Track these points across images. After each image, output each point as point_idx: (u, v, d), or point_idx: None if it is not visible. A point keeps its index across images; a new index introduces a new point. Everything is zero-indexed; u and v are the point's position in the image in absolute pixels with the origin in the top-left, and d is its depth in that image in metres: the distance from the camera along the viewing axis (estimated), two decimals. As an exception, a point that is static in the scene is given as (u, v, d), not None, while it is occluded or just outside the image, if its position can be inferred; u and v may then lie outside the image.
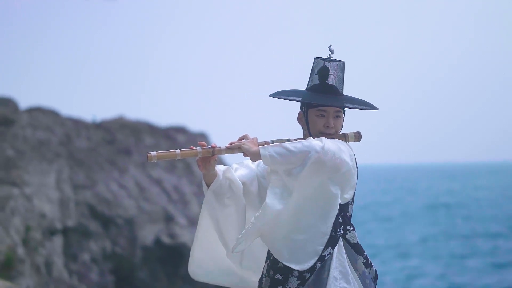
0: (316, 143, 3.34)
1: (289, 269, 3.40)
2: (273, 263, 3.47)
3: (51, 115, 18.12)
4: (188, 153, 3.49)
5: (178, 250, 16.09)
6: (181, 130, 20.94)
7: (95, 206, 15.70)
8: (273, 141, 3.50)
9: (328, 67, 3.54)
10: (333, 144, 3.37)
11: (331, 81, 3.55)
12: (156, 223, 16.40)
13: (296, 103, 3.61)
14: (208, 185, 3.59)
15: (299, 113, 3.62)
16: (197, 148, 3.49)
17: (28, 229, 13.32)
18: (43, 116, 17.79)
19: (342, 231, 3.46)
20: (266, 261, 3.55)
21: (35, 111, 17.95)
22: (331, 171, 3.35)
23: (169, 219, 16.66)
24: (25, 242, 13.03)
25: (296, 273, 3.40)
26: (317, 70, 3.56)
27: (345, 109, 3.58)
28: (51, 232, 14.24)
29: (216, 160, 3.55)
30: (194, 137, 20.12)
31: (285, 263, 3.38)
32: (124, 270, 15.53)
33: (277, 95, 3.59)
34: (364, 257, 3.51)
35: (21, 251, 12.53)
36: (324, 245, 3.39)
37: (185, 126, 21.20)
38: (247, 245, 3.41)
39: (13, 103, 17.53)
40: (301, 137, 3.60)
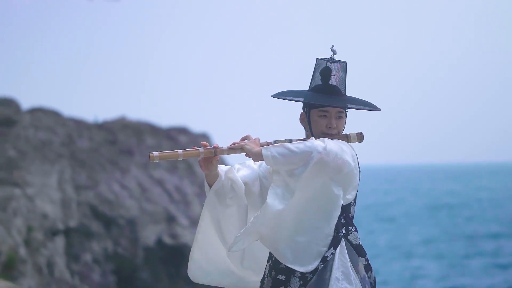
0: (318, 143, 3.33)
1: (291, 269, 3.40)
2: (275, 264, 3.46)
3: (53, 115, 18.14)
4: (190, 154, 3.49)
5: (180, 250, 16.09)
6: (183, 130, 20.95)
7: (97, 206, 15.71)
8: (275, 142, 3.50)
9: (330, 68, 3.54)
10: (335, 144, 3.37)
11: (334, 81, 3.54)
12: (158, 224, 16.40)
13: (298, 104, 3.61)
14: (210, 186, 3.58)
15: (302, 114, 3.62)
16: (199, 148, 3.49)
17: (30, 229, 13.32)
18: (45, 116, 17.81)
19: (344, 231, 3.45)
20: (268, 261, 3.54)
21: (37, 112, 17.96)
22: (333, 171, 3.35)
23: (171, 219, 16.66)
24: (27, 242, 13.04)
25: (298, 273, 3.40)
26: (319, 70, 3.56)
27: (347, 110, 3.58)
28: (53, 232, 14.25)
29: (218, 160, 3.54)
30: (196, 138, 20.12)
31: (289, 265, 3.38)
32: (126, 270, 15.54)
33: (280, 95, 3.58)
34: (365, 259, 3.50)
35: (23, 251, 12.53)
36: (327, 246, 3.38)
37: (187, 126, 21.20)
38: (245, 245, 3.40)
39: (15, 104, 17.54)
40: (303, 137, 3.60)
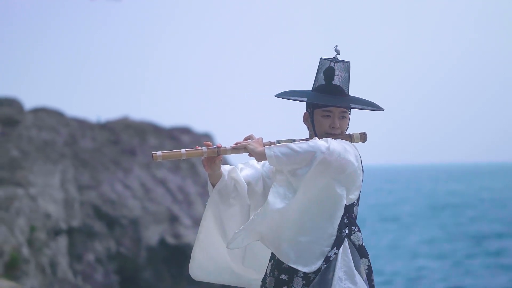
0: (321, 143, 3.33)
1: (294, 269, 3.40)
2: (278, 264, 3.46)
3: (55, 115, 18.15)
4: (193, 153, 3.49)
5: (182, 250, 16.09)
6: (185, 130, 20.94)
7: (99, 206, 15.71)
8: (278, 142, 3.50)
9: (334, 68, 3.53)
10: (338, 144, 3.37)
11: (337, 81, 3.54)
12: (160, 224, 16.40)
13: (302, 104, 3.61)
14: (213, 185, 3.58)
15: (305, 114, 3.62)
16: (203, 148, 3.49)
17: (32, 229, 13.33)
18: (48, 116, 17.82)
19: (347, 231, 3.45)
20: (270, 261, 3.54)
21: (40, 112, 17.98)
22: (337, 171, 3.35)
23: (174, 219, 16.66)
24: (30, 242, 13.05)
25: (301, 273, 3.39)
26: (323, 70, 3.56)
27: (351, 110, 3.57)
28: (56, 232, 14.26)
29: (221, 160, 3.54)
30: (198, 138, 20.12)
31: (292, 265, 3.37)
32: (128, 270, 15.54)
33: (283, 95, 3.58)
34: (368, 260, 3.50)
35: (26, 251, 12.54)
36: (330, 246, 3.38)
37: (190, 126, 21.20)
38: (244, 243, 3.39)
39: (18, 104, 17.56)
40: (306, 137, 3.59)
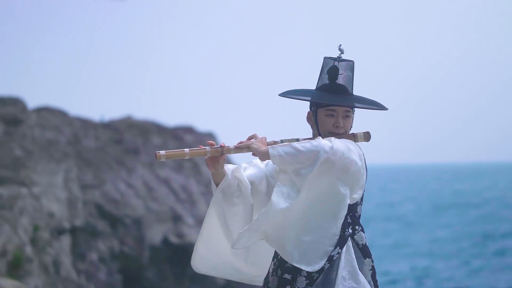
0: (325, 143, 3.32)
1: (298, 268, 3.40)
2: (281, 263, 3.46)
3: (59, 115, 18.17)
4: (197, 153, 3.49)
5: (186, 249, 16.09)
6: (189, 130, 20.95)
7: (103, 205, 15.72)
8: (282, 141, 3.49)
9: (337, 67, 3.53)
10: (342, 144, 3.36)
11: (341, 80, 3.53)
12: (164, 223, 16.41)
13: (305, 103, 3.60)
14: (217, 184, 3.58)
15: (309, 113, 3.61)
16: (206, 147, 3.49)
17: (36, 228, 13.34)
18: (51, 116, 17.84)
19: (350, 231, 3.45)
20: (273, 259, 3.54)
21: (43, 111, 18.00)
22: (340, 171, 3.34)
23: (177, 218, 16.67)
24: (33, 241, 13.06)
25: (304, 273, 3.39)
26: (326, 69, 3.55)
27: (355, 109, 3.57)
28: (59, 231, 14.27)
29: (224, 159, 3.54)
30: (202, 137, 20.12)
31: (295, 264, 3.37)
32: (132, 269, 15.55)
33: (287, 94, 3.58)
34: (371, 260, 3.49)
35: (29, 250, 12.55)
36: (334, 245, 3.38)
37: (193, 126, 21.21)
38: (249, 242, 3.39)
39: (21, 103, 17.56)
40: (310, 136, 3.59)
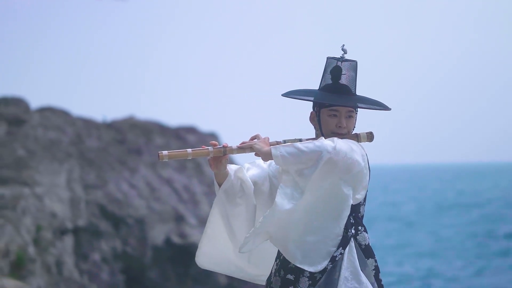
0: (327, 143, 3.32)
1: (300, 269, 3.39)
2: (284, 263, 3.46)
3: (62, 115, 18.18)
4: (199, 153, 3.49)
5: (188, 250, 16.09)
6: (191, 130, 20.94)
7: (105, 206, 15.73)
8: (285, 141, 3.49)
9: (340, 67, 3.52)
10: (345, 144, 3.36)
11: (344, 81, 3.53)
12: (166, 223, 16.41)
13: (308, 103, 3.60)
14: (219, 185, 3.58)
15: (311, 113, 3.61)
16: (209, 147, 3.49)
17: (39, 228, 13.35)
18: (54, 116, 17.85)
19: (353, 231, 3.44)
20: (275, 260, 3.54)
21: (46, 111, 18.01)
22: (343, 171, 3.34)
23: (180, 219, 16.67)
24: (36, 241, 13.07)
25: (307, 273, 3.39)
26: (329, 69, 3.55)
27: (358, 109, 3.56)
28: (61, 231, 14.27)
29: (227, 159, 3.54)
30: (204, 137, 20.12)
31: (298, 265, 3.37)
32: (134, 270, 15.55)
33: (289, 94, 3.57)
34: (375, 260, 3.48)
35: (32, 250, 12.56)
36: (336, 246, 3.38)
37: (196, 126, 21.20)
38: (255, 245, 3.39)
39: (24, 103, 17.58)
40: (313, 137, 3.58)
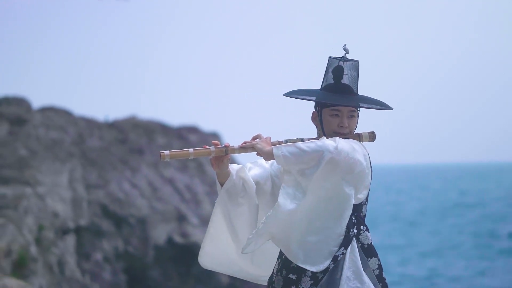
0: (329, 143, 3.32)
1: (302, 268, 3.39)
2: (286, 263, 3.46)
3: (64, 114, 18.19)
4: (201, 152, 3.48)
5: (190, 249, 16.09)
6: (193, 129, 20.95)
7: (107, 205, 15.73)
8: (287, 141, 3.49)
9: (342, 67, 3.52)
10: (346, 144, 3.36)
11: (346, 80, 3.53)
12: (168, 223, 16.41)
13: (310, 103, 3.60)
14: (221, 184, 3.58)
15: (313, 113, 3.60)
16: (210, 147, 3.48)
17: (41, 228, 13.36)
18: (56, 115, 17.86)
19: (355, 231, 3.44)
20: (277, 259, 3.54)
21: (48, 111, 18.02)
22: (345, 171, 3.33)
23: (182, 218, 16.67)
24: (38, 241, 13.07)
25: (309, 273, 3.39)
26: (331, 69, 3.54)
27: (360, 109, 3.56)
28: (63, 231, 14.28)
29: (229, 159, 3.54)
30: (206, 137, 20.12)
31: (300, 264, 3.37)
32: (136, 269, 15.56)
33: (291, 94, 3.57)
34: (378, 259, 3.48)
35: (34, 250, 12.56)
36: (338, 246, 3.38)
37: (198, 125, 21.22)
38: (258, 245, 3.39)
39: (26, 103, 17.59)
40: (315, 136, 3.58)
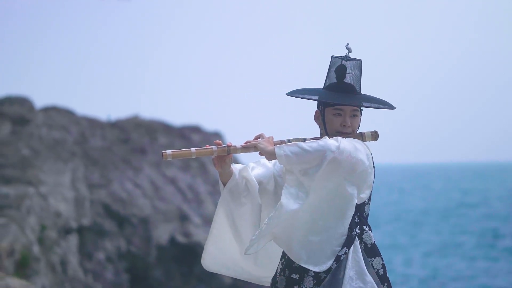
0: (331, 142, 3.31)
1: (305, 268, 3.38)
2: (288, 262, 3.45)
3: (66, 114, 18.20)
4: (203, 152, 3.48)
5: (192, 249, 16.09)
6: (196, 129, 20.96)
7: (110, 205, 15.74)
8: (289, 140, 3.48)
9: (345, 66, 3.51)
10: (349, 143, 3.35)
11: (349, 79, 3.52)
12: (170, 222, 16.41)
13: (313, 102, 3.59)
14: (224, 184, 3.57)
15: (316, 112, 3.60)
16: (213, 147, 3.48)
17: (43, 228, 13.36)
18: (58, 115, 17.87)
19: (358, 231, 3.43)
20: (280, 259, 3.54)
21: (51, 111, 18.03)
22: (347, 171, 3.33)
23: (184, 218, 16.67)
24: (41, 241, 13.08)
25: (312, 273, 3.38)
26: (334, 68, 3.53)
27: (362, 108, 3.55)
28: (66, 231, 14.29)
29: (231, 159, 3.53)
30: (209, 137, 20.13)
31: (303, 265, 3.36)
32: (139, 269, 15.56)
33: (294, 93, 3.56)
34: (381, 259, 3.47)
35: (36, 250, 12.57)
36: (341, 245, 3.37)
37: (200, 125, 21.23)
38: (260, 246, 3.38)
39: (29, 103, 17.60)
40: (318, 136, 3.57)
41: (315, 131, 3.61)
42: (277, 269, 3.54)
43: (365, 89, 3.57)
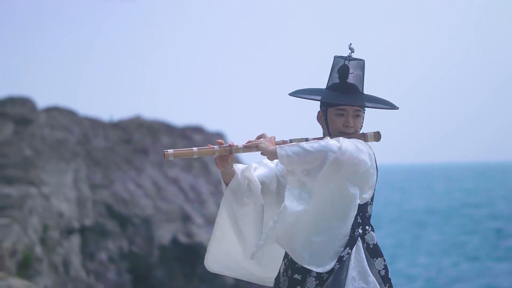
0: (333, 143, 3.30)
1: (308, 269, 3.38)
2: (291, 263, 3.45)
3: (68, 114, 18.21)
4: (205, 151, 3.47)
5: (195, 249, 16.09)
6: (197, 129, 20.96)
7: (112, 205, 15.74)
8: (291, 140, 3.47)
9: (348, 66, 3.50)
10: (350, 144, 3.33)
11: (351, 80, 3.51)
12: (173, 222, 16.41)
13: (315, 102, 3.58)
14: (226, 184, 3.57)
15: (319, 112, 3.59)
16: (215, 146, 3.47)
17: (46, 228, 13.36)
18: (60, 115, 17.88)
19: (360, 231, 3.42)
20: (283, 260, 3.53)
21: (53, 111, 18.04)
22: (349, 171, 3.32)
23: (186, 218, 16.67)
24: (43, 241, 13.08)
25: (314, 273, 3.38)
26: (337, 68, 3.52)
27: (365, 108, 3.53)
28: (68, 231, 14.29)
29: (233, 158, 3.52)
30: (210, 137, 20.13)
31: (305, 265, 3.35)
32: (141, 269, 15.56)
33: (297, 94, 3.55)
34: (383, 259, 3.45)
35: (39, 250, 12.57)
36: (344, 246, 3.36)
37: (202, 125, 21.24)
38: (265, 249, 3.38)
39: (31, 103, 17.61)
40: (320, 136, 3.56)
41: (317, 131, 3.60)
42: (280, 270, 3.54)
43: (367, 89, 3.56)
